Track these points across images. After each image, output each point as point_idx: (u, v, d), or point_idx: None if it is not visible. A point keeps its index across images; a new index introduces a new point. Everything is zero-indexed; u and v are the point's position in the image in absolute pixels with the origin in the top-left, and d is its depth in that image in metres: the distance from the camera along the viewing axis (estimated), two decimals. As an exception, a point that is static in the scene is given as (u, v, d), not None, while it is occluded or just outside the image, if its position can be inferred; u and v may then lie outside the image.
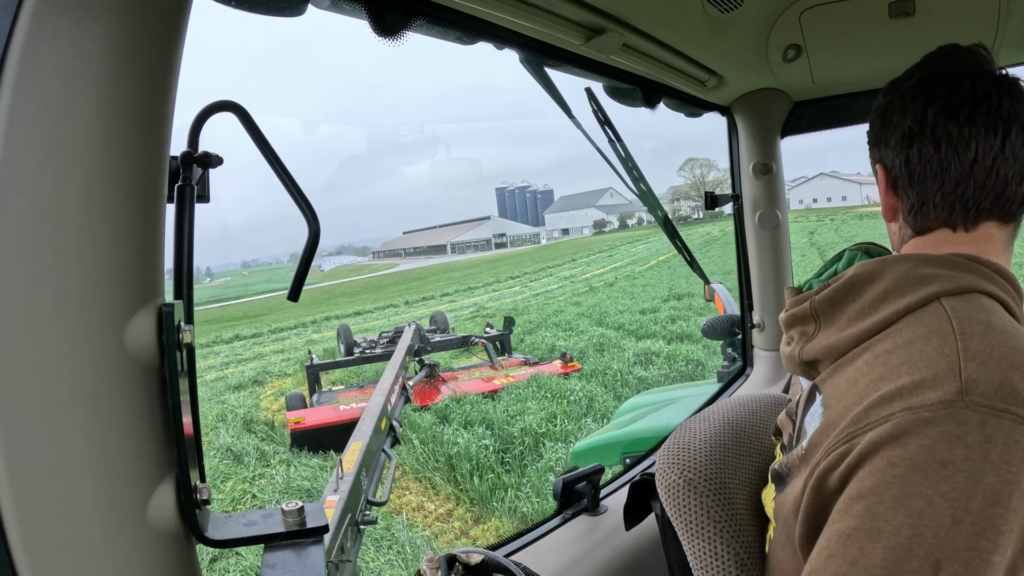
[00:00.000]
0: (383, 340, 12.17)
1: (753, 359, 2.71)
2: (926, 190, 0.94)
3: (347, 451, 3.77)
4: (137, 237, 0.66)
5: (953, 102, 0.91)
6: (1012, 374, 0.72)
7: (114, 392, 0.64)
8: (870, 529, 0.71)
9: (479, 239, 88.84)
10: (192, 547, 0.76)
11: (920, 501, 0.69)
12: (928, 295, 0.85)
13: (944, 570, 0.66)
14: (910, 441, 0.72)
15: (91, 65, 0.60)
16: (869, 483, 0.73)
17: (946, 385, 0.73)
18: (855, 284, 0.93)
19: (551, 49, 1.51)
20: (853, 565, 0.71)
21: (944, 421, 0.71)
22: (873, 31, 1.76)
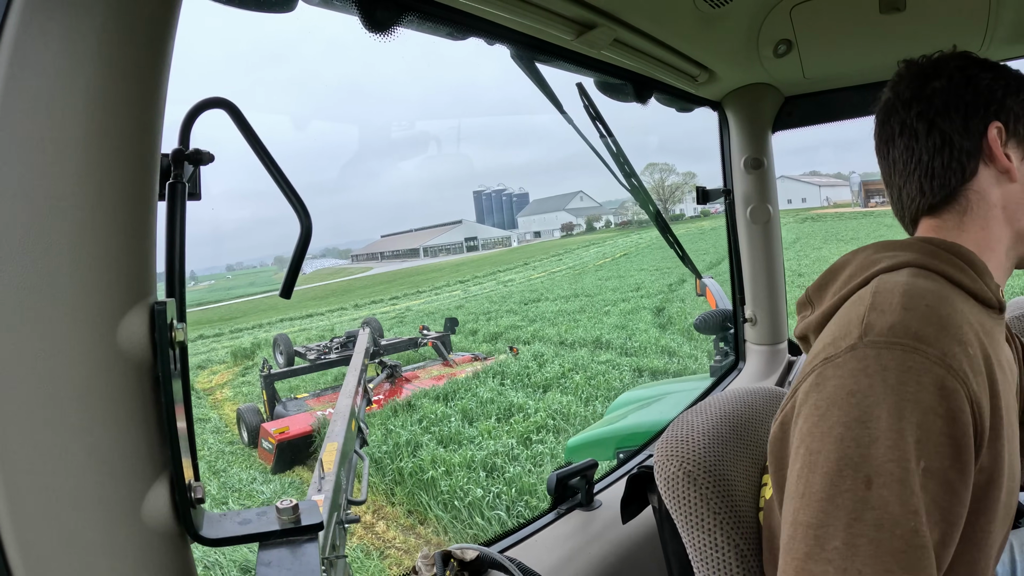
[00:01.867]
0: (336, 345, 12.07)
1: (745, 353, 2.72)
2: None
3: (324, 451, 3.80)
4: (129, 235, 0.65)
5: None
6: (904, 315, 0.85)
7: (107, 390, 0.64)
8: (810, 464, 0.82)
9: (451, 243, 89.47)
10: (187, 546, 0.76)
11: (839, 428, 0.81)
12: (870, 274, 0.99)
13: (875, 483, 0.76)
14: (827, 384, 0.85)
15: (81, 63, 0.60)
16: (805, 427, 0.86)
17: (852, 334, 0.87)
18: (833, 271, 1.09)
19: (542, 44, 1.52)
20: (803, 497, 0.81)
21: (850, 361, 0.84)
22: (864, 26, 1.76)
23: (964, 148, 1.04)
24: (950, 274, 0.97)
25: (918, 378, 0.79)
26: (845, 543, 0.75)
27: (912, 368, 0.80)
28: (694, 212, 78.49)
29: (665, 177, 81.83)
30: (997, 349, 0.95)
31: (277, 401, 10.43)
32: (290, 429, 8.83)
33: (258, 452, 9.20)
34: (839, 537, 0.76)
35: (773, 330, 2.62)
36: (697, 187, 2.56)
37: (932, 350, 0.81)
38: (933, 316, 0.85)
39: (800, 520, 0.80)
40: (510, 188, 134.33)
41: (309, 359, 11.82)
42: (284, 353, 12.74)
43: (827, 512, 0.78)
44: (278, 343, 13.27)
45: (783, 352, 2.69)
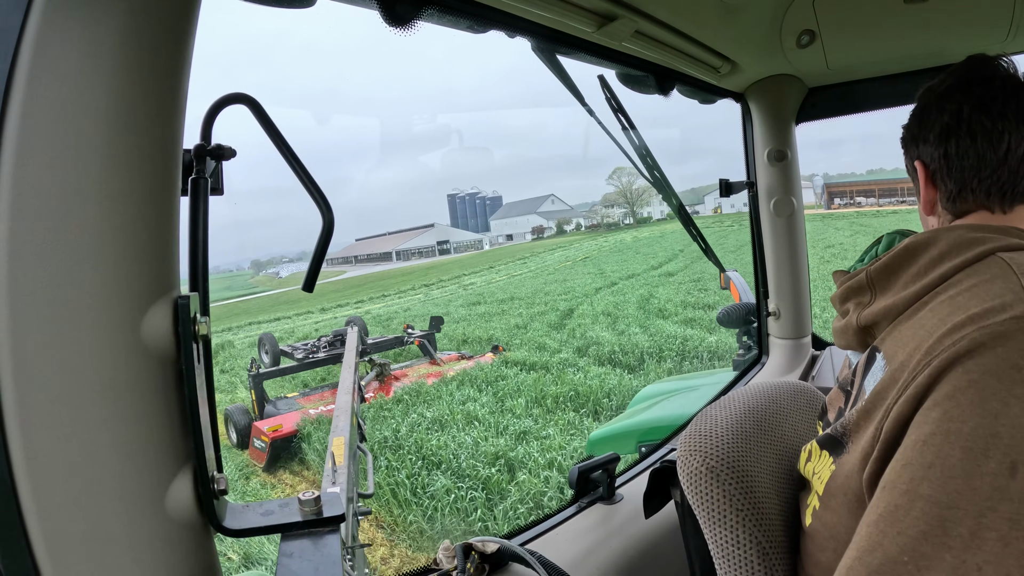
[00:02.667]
0: (323, 344, 12.01)
1: (769, 347, 2.70)
2: (964, 178, 1.03)
3: (332, 445, 3.82)
4: (152, 230, 0.66)
5: (986, 98, 1.00)
6: None
7: (131, 384, 0.65)
8: (947, 432, 0.73)
9: (424, 246, 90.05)
10: (210, 536, 0.77)
11: (996, 403, 0.72)
12: (984, 251, 0.91)
13: (1020, 472, 0.68)
14: (985, 352, 0.76)
15: (103, 60, 0.60)
16: (945, 390, 0.77)
17: (1016, 307, 0.78)
18: (910, 251, 0.99)
19: (563, 37, 1.51)
20: (930, 467, 0.73)
21: (1016, 333, 0.75)
22: (888, 16, 1.74)
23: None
24: None
25: None
26: (971, 533, 0.68)
27: None
28: (660, 215, 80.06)
29: (633, 181, 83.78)
30: None
31: (267, 400, 10.37)
32: (284, 427, 8.84)
33: (249, 452, 9.22)
34: (966, 525, 0.69)
35: (797, 324, 2.59)
36: (721, 180, 2.53)
37: None
38: None
39: (922, 493, 0.73)
40: (484, 191, 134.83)
41: (297, 358, 11.77)
42: (270, 352, 12.68)
43: (959, 492, 0.70)
44: (263, 342, 13.23)
45: (807, 346, 2.66)
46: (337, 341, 11.63)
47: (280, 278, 79.92)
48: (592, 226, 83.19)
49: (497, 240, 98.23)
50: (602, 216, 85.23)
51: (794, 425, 1.28)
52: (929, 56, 2.05)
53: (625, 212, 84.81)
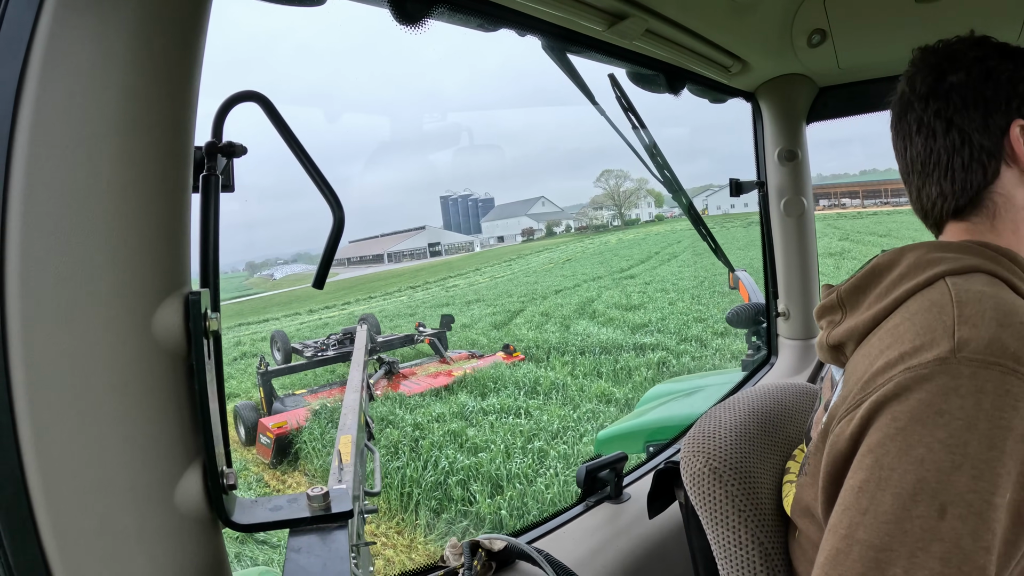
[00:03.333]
0: (333, 342, 12.05)
1: (778, 348, 2.69)
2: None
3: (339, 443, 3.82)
4: (163, 227, 0.67)
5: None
6: (1001, 332, 0.78)
7: (142, 379, 0.65)
8: (878, 479, 0.76)
9: (415, 248, 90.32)
10: (219, 531, 0.77)
11: (921, 449, 0.74)
12: (934, 275, 0.91)
13: (949, 513, 0.71)
14: (910, 396, 0.78)
15: (115, 57, 0.61)
16: (876, 438, 0.79)
17: (941, 345, 0.79)
18: (876, 271, 1.00)
19: (574, 35, 1.51)
20: (865, 514, 0.76)
21: (940, 376, 0.77)
22: (900, 15, 1.73)
23: (984, 148, 0.97)
24: (1013, 283, 0.91)
25: (1015, 403, 0.73)
26: (905, 571, 0.72)
27: (1010, 392, 0.74)
28: (649, 216, 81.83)
29: (620, 183, 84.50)
30: None
31: (275, 397, 10.45)
32: (288, 424, 8.92)
33: (256, 447, 9.30)
34: (900, 565, 0.72)
35: (806, 324, 2.59)
36: (731, 179, 2.52)
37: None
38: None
39: (859, 538, 0.76)
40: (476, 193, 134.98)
41: (306, 356, 11.84)
42: (282, 350, 12.77)
43: (892, 536, 0.73)
44: (275, 340, 13.30)
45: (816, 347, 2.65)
46: (347, 339, 11.67)
47: (274, 280, 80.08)
48: (581, 228, 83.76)
49: (488, 242, 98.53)
50: (590, 218, 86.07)
51: (799, 427, 1.28)
52: (941, 56, 2.03)
53: (613, 214, 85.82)
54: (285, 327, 24.28)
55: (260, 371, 10.57)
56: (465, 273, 42.80)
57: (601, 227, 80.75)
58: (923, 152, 1.02)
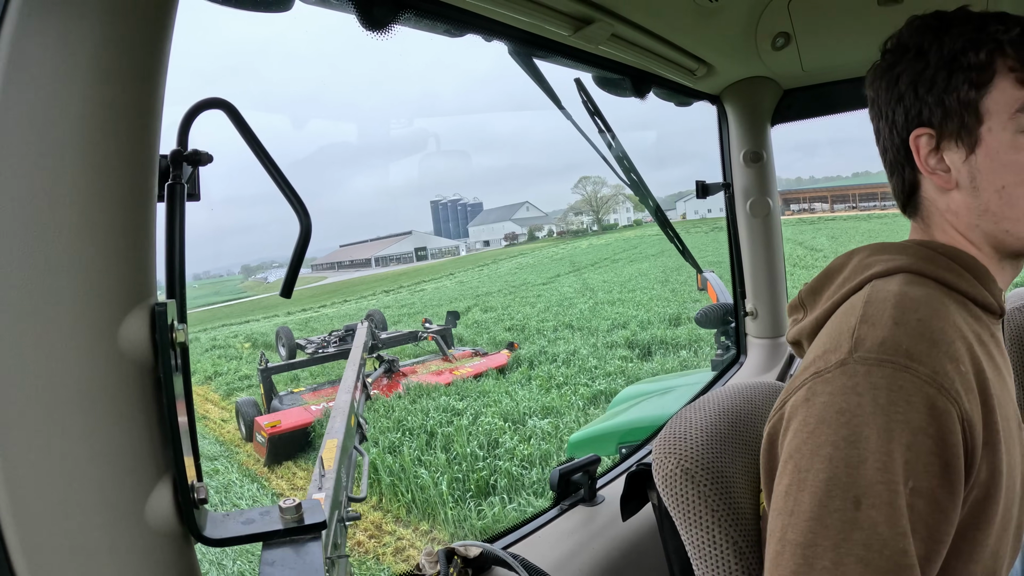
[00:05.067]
0: (334, 339, 12.05)
1: (747, 347, 2.72)
2: None
3: (324, 448, 3.79)
4: (129, 237, 0.65)
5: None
6: (896, 330, 0.83)
7: (109, 392, 0.64)
8: (799, 481, 0.81)
9: (402, 253, 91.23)
10: (191, 546, 0.76)
11: (828, 448, 0.80)
12: (864, 279, 0.96)
13: (864, 503, 0.76)
14: (816, 400, 0.84)
15: (78, 65, 0.59)
16: (793, 443, 0.85)
17: (843, 348, 0.85)
18: (829, 273, 1.05)
19: (540, 40, 1.51)
20: (791, 515, 0.81)
21: (839, 377, 0.83)
22: (862, 18, 1.76)
23: (897, 159, 1.01)
24: (946, 279, 0.94)
25: (908, 397, 0.78)
26: (833, 563, 0.76)
27: (903, 387, 0.79)
28: (627, 222, 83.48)
29: (598, 189, 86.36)
30: (993, 356, 0.93)
31: (274, 395, 10.44)
32: (282, 423, 8.86)
33: (253, 445, 9.24)
34: (828, 557, 0.76)
35: (774, 323, 2.62)
36: (697, 181, 2.55)
37: (923, 368, 0.79)
38: (925, 331, 0.83)
39: (788, 538, 0.80)
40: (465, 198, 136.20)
41: (307, 353, 11.82)
42: (286, 346, 12.77)
43: (815, 532, 0.78)
44: (280, 336, 13.30)
45: (784, 345, 2.68)
46: (348, 336, 11.61)
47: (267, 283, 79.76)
48: (560, 233, 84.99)
49: (475, 246, 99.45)
50: (567, 224, 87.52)
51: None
52: (901, 58, 2.07)
53: (592, 219, 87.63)
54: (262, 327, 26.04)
55: (260, 368, 10.56)
56: (438, 278, 44.33)
57: (580, 232, 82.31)
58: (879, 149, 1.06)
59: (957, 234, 1.00)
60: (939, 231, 1.02)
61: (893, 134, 1.00)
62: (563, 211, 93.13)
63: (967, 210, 0.97)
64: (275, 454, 8.72)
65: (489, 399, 10.19)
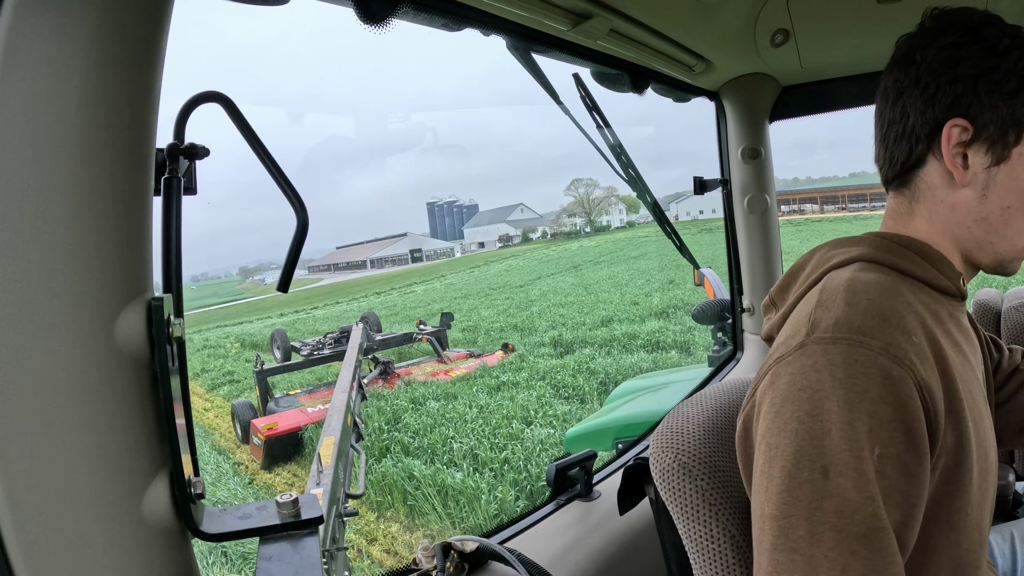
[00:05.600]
0: (329, 341, 12.05)
1: (743, 343, 2.72)
2: None
3: (321, 445, 3.80)
4: (125, 231, 0.65)
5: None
6: (847, 310, 0.88)
7: (105, 387, 0.64)
8: (770, 459, 0.85)
9: (397, 254, 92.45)
10: (188, 541, 0.76)
11: (794, 423, 0.84)
12: (822, 272, 1.01)
13: (831, 472, 0.79)
14: (780, 381, 0.88)
15: (74, 58, 0.59)
16: (763, 425, 0.89)
17: (801, 332, 0.90)
18: (794, 271, 1.11)
19: (538, 35, 1.51)
20: (766, 491, 0.85)
21: (799, 359, 0.87)
22: (861, 15, 1.76)
23: (916, 131, 0.99)
24: (899, 265, 0.99)
25: (865, 370, 0.82)
26: (809, 532, 0.79)
27: (858, 361, 0.83)
28: (620, 223, 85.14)
29: (590, 191, 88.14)
30: (952, 334, 0.97)
31: (270, 397, 10.43)
32: (278, 425, 8.86)
33: (250, 448, 9.25)
34: (802, 526, 0.79)
35: (771, 320, 2.62)
36: (695, 177, 2.55)
37: (876, 342, 0.84)
38: (874, 308, 0.87)
39: (766, 513, 0.84)
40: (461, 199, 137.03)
41: (302, 355, 11.80)
42: (281, 348, 12.75)
43: (788, 504, 0.81)
44: (275, 338, 13.29)
45: (781, 342, 2.68)
46: (344, 338, 11.61)
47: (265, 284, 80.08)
48: (554, 234, 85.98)
49: (470, 248, 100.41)
50: (559, 225, 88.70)
51: None
52: (900, 55, 2.07)
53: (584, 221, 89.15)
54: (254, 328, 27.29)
55: (256, 370, 10.54)
56: (429, 280, 45.77)
57: (573, 234, 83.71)
58: (877, 115, 1.06)
59: (935, 225, 1.03)
60: (921, 215, 1.04)
61: (929, 109, 0.96)
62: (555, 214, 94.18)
63: (967, 211, 0.99)
64: (272, 456, 8.72)
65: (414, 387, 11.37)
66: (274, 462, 8.75)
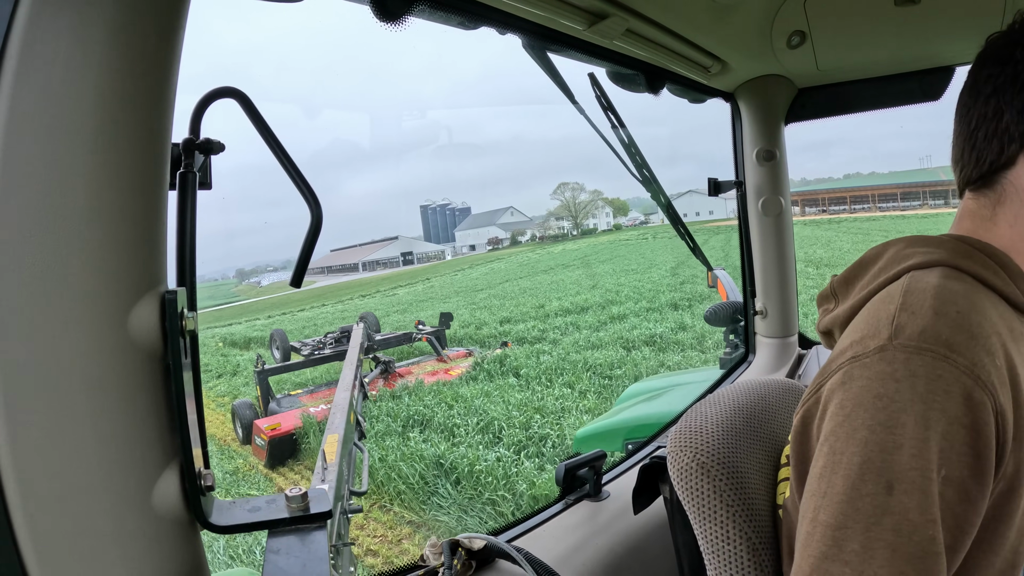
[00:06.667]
0: (330, 341, 12.03)
1: (756, 346, 2.71)
2: None
3: (325, 443, 3.81)
4: (140, 224, 0.66)
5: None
6: (936, 320, 0.83)
7: (118, 379, 0.64)
8: (833, 464, 0.82)
9: (389, 257, 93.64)
10: (197, 533, 0.76)
11: (864, 431, 0.80)
12: (902, 269, 0.96)
13: (896, 489, 0.76)
14: (853, 384, 0.84)
15: (92, 53, 0.60)
16: (829, 426, 0.85)
17: (882, 334, 0.85)
18: (863, 263, 1.05)
19: (554, 34, 1.51)
20: (824, 497, 0.82)
21: (878, 363, 0.83)
22: (878, 18, 1.74)
23: (1010, 130, 0.94)
24: (982, 276, 0.93)
25: (947, 387, 0.78)
26: (863, 546, 0.76)
27: (941, 377, 0.79)
28: (607, 226, 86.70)
29: (576, 195, 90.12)
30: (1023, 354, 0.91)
31: (271, 397, 10.42)
32: (281, 425, 8.85)
33: (252, 448, 9.26)
34: (857, 540, 0.77)
35: (784, 323, 2.61)
36: (710, 178, 2.54)
37: (962, 359, 0.79)
38: (964, 323, 0.83)
39: (820, 519, 0.81)
40: (453, 202, 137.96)
41: (303, 355, 11.80)
42: (280, 348, 12.77)
43: (847, 514, 0.78)
44: (274, 338, 13.31)
45: (793, 345, 2.67)
46: (344, 338, 11.60)
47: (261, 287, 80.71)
48: (541, 238, 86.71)
49: (461, 250, 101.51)
50: (545, 229, 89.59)
51: (782, 423, 1.29)
52: (919, 58, 2.05)
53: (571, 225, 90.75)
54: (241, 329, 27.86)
55: (257, 370, 10.56)
56: (414, 283, 46.98)
57: (560, 237, 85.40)
58: (962, 111, 1.01)
59: (1018, 231, 0.98)
60: (1005, 220, 0.99)
61: (1008, 107, 0.93)
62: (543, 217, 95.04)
63: None
64: (275, 456, 8.73)
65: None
66: (278, 462, 8.76)
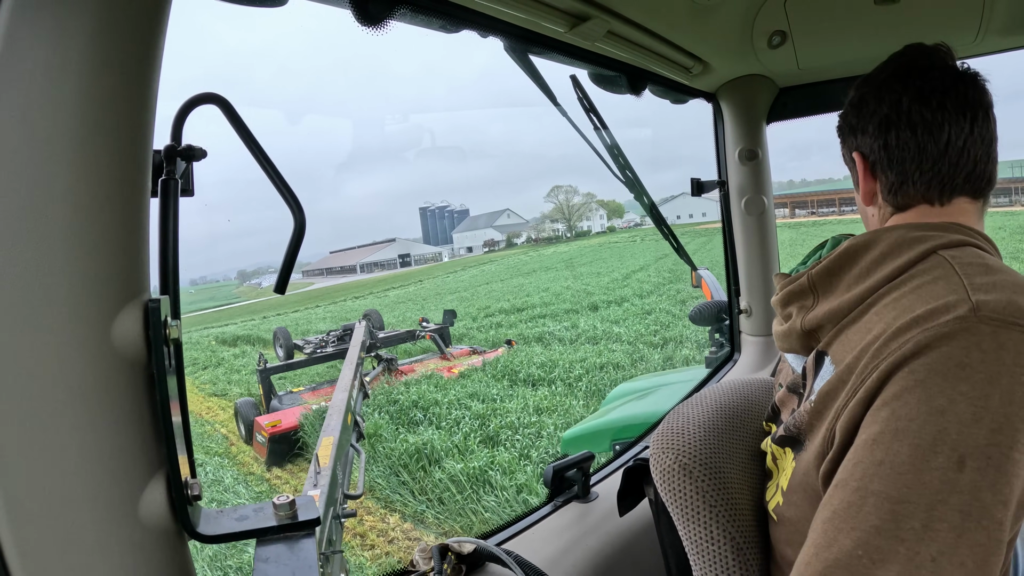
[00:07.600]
0: (332, 339, 12.03)
1: (741, 344, 2.72)
2: (905, 170, 1.04)
3: (320, 446, 3.78)
4: (122, 232, 0.65)
5: (925, 90, 1.01)
6: (1017, 296, 0.80)
7: (102, 389, 0.64)
8: (895, 430, 0.77)
9: (386, 259, 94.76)
10: (184, 543, 0.76)
11: (942, 400, 0.75)
12: (926, 249, 0.93)
13: (968, 466, 0.71)
14: (931, 352, 0.79)
15: (72, 59, 0.59)
16: (892, 391, 0.80)
17: (959, 308, 0.80)
18: (851, 253, 1.01)
19: (536, 37, 1.51)
20: (880, 464, 0.76)
21: (960, 333, 0.78)
22: (858, 17, 1.76)
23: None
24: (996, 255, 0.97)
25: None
26: (924, 525, 0.71)
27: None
28: (600, 228, 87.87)
29: (570, 198, 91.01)
30: None
31: (273, 395, 10.42)
32: (282, 423, 8.84)
33: (253, 446, 9.24)
34: (918, 518, 0.72)
35: (768, 321, 2.62)
36: (692, 178, 2.55)
37: None
38: None
39: (874, 489, 0.75)
40: (452, 204, 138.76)
41: (306, 353, 11.78)
42: (284, 346, 12.74)
43: (910, 487, 0.73)
44: (278, 337, 13.28)
45: (778, 343, 2.68)
46: (346, 335, 11.57)
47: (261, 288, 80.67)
48: (536, 240, 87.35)
49: (458, 252, 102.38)
50: (539, 231, 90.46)
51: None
52: (897, 57, 2.07)
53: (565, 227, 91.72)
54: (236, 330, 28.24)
55: (259, 368, 10.54)
56: (406, 285, 47.75)
57: (554, 239, 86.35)
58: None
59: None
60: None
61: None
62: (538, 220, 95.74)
63: None
64: (276, 454, 8.70)
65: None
66: (279, 460, 8.73)
